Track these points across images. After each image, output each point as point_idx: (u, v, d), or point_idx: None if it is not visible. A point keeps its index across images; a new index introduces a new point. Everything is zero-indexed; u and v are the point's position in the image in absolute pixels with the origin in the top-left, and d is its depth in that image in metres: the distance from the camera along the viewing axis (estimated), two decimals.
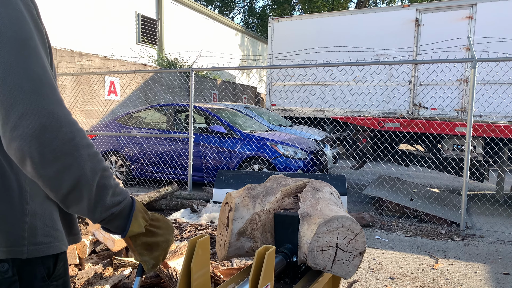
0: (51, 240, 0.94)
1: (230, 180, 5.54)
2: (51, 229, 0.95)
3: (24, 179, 0.90)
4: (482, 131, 5.41)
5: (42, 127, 0.76)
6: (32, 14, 0.85)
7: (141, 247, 0.95)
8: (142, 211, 0.96)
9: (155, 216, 1.00)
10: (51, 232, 0.94)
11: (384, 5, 23.04)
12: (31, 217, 0.90)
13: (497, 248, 4.10)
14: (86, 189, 0.82)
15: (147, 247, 0.95)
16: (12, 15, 0.80)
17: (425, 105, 9.22)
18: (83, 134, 0.83)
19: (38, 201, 0.92)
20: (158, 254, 0.96)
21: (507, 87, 8.29)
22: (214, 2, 26.63)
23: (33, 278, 0.92)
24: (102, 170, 0.85)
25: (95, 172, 0.83)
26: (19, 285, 0.90)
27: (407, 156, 6.16)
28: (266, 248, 0.96)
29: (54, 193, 0.82)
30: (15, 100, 0.76)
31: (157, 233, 0.97)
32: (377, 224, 4.87)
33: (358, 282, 3.20)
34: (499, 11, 8.47)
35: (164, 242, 0.97)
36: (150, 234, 0.96)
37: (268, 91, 11.06)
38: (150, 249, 0.95)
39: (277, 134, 6.70)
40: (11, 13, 0.80)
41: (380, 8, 10.12)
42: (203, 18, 16.00)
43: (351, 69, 9.13)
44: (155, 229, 0.97)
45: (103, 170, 0.85)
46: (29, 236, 0.90)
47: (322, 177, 5.38)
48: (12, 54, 0.78)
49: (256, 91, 17.54)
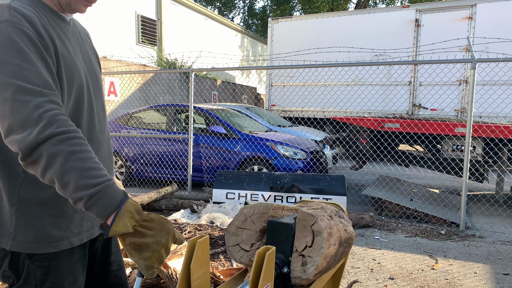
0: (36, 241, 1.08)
1: (230, 181, 5.54)
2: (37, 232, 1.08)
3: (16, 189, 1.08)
4: (481, 131, 5.41)
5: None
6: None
7: (129, 247, 0.96)
8: (133, 211, 0.96)
9: (149, 217, 0.99)
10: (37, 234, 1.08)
11: (384, 5, 23.05)
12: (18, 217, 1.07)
13: (496, 249, 4.10)
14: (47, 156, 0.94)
15: (136, 247, 0.95)
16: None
17: (424, 106, 9.22)
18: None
19: (25, 204, 1.08)
20: (147, 256, 0.95)
21: (506, 88, 8.29)
22: (214, 3, 26.63)
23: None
24: (69, 151, 0.95)
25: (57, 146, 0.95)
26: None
27: (406, 156, 6.16)
28: (266, 249, 0.96)
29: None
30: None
31: (146, 234, 0.96)
32: (377, 224, 4.87)
33: (358, 283, 3.20)
34: (499, 11, 8.47)
35: (155, 244, 0.96)
36: (139, 235, 0.96)
37: (268, 91, 11.06)
38: (139, 250, 0.95)
39: (276, 135, 6.70)
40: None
41: (379, 9, 10.13)
42: (203, 19, 16.00)
43: (350, 69, 9.13)
44: (144, 230, 0.96)
45: (70, 152, 0.95)
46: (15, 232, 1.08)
47: (321, 178, 5.38)
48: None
49: (256, 92, 17.54)
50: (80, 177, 0.93)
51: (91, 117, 1.21)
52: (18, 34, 0.99)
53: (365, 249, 4.02)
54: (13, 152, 1.03)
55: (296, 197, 5.24)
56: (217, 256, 3.57)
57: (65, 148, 0.94)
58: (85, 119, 1.18)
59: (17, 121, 0.94)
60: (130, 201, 0.97)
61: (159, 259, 0.97)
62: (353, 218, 4.72)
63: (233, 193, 5.44)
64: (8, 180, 1.06)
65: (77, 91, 1.15)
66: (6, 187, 1.06)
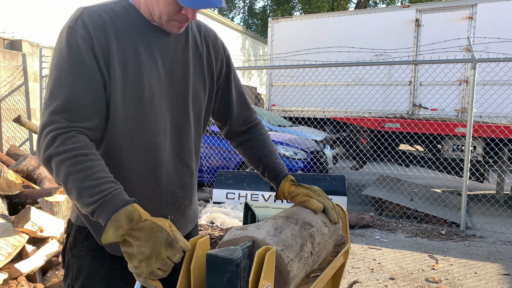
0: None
1: (230, 181, 5.53)
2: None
3: None
4: (482, 131, 5.41)
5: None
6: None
7: (124, 255, 0.96)
8: (123, 220, 0.94)
9: (140, 226, 0.95)
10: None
11: (384, 5, 23.03)
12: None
13: (497, 249, 4.10)
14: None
15: (127, 256, 0.95)
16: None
17: (425, 106, 9.21)
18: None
19: None
20: (135, 265, 0.94)
21: (507, 88, 8.28)
22: None
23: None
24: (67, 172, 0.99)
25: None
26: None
27: (407, 156, 6.15)
28: (266, 249, 0.96)
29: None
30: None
31: (132, 244, 0.94)
32: (377, 224, 4.86)
33: (358, 283, 3.20)
34: (499, 11, 8.46)
35: (139, 254, 0.93)
36: (128, 244, 0.95)
37: (268, 91, 11.05)
38: (129, 259, 0.95)
39: (277, 135, 6.69)
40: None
41: (380, 9, 10.12)
42: (202, 19, 16.02)
43: (351, 69, 9.11)
44: (132, 240, 0.94)
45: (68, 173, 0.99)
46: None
47: (322, 178, 5.38)
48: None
49: (256, 92, 17.55)
50: (78, 197, 0.98)
51: (156, 136, 1.17)
52: (70, 43, 1.05)
53: (365, 249, 4.01)
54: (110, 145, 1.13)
55: None
56: None
57: (64, 170, 0.98)
58: (141, 135, 1.14)
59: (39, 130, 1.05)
60: (127, 209, 0.96)
61: (149, 269, 0.93)
62: (354, 218, 4.72)
63: (233, 193, 5.44)
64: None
65: (139, 106, 1.13)
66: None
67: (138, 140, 1.14)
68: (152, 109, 1.15)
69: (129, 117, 1.12)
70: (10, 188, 3.40)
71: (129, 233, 0.95)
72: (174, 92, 1.20)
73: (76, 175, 0.97)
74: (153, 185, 1.19)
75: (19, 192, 3.49)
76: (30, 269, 2.54)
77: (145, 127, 1.15)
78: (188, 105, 1.24)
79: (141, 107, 1.13)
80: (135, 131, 1.14)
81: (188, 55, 1.24)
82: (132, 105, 1.12)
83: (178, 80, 1.21)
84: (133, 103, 1.12)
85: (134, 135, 1.14)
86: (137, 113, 1.13)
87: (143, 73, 1.12)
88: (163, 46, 1.18)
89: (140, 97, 1.12)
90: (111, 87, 1.08)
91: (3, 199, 3.32)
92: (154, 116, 1.16)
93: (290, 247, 1.06)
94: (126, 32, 1.11)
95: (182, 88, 1.22)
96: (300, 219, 1.19)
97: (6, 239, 2.50)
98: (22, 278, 2.48)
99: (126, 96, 1.10)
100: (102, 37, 1.07)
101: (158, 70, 1.16)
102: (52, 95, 1.03)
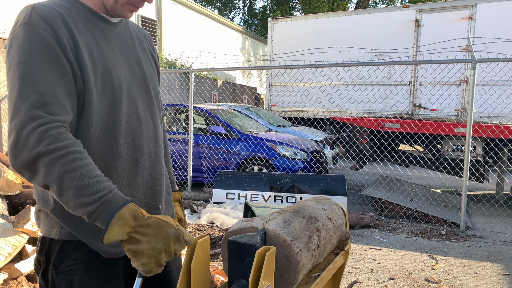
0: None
1: (230, 181, 5.53)
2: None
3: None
4: (482, 131, 5.41)
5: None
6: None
7: (128, 253, 0.95)
8: (128, 218, 0.94)
9: (146, 222, 0.95)
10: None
11: (384, 5, 23.04)
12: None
13: (497, 249, 4.10)
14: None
15: (133, 253, 0.94)
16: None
17: (425, 106, 9.21)
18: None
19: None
20: (145, 262, 0.94)
21: (507, 88, 8.28)
22: (214, 3, 26.61)
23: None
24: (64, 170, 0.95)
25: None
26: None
27: (407, 156, 6.15)
28: (266, 249, 0.96)
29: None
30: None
31: (141, 240, 0.94)
32: (377, 224, 4.87)
33: (358, 283, 3.20)
34: (499, 11, 8.47)
35: (150, 250, 0.93)
36: (135, 242, 0.94)
37: (268, 91, 11.06)
38: (136, 256, 0.94)
39: (277, 135, 6.69)
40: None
41: (380, 9, 10.12)
42: (202, 19, 16.00)
43: (351, 69, 9.12)
44: (139, 237, 0.94)
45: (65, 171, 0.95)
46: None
47: (322, 178, 5.38)
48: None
49: (256, 92, 17.54)
50: (77, 196, 0.94)
51: (131, 122, 1.18)
52: (31, 37, 0.99)
53: (365, 249, 4.01)
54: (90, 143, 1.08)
55: (296, 197, 5.23)
56: (217, 256, 3.57)
57: (58, 168, 0.93)
58: (123, 124, 1.15)
59: (10, 128, 0.96)
60: (129, 207, 0.96)
61: (157, 263, 0.95)
62: (353, 218, 4.72)
63: (233, 193, 5.44)
64: None
65: (111, 93, 1.12)
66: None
67: (116, 128, 1.13)
68: (123, 95, 1.15)
69: (104, 105, 1.11)
70: (10, 188, 3.40)
71: (136, 230, 0.94)
72: (136, 79, 1.23)
73: (74, 173, 0.94)
74: (139, 171, 1.20)
75: (19, 192, 3.49)
76: (30, 269, 2.54)
77: (121, 114, 1.15)
78: (150, 90, 1.28)
79: (113, 94, 1.13)
80: (112, 119, 1.13)
81: (135, 45, 1.28)
82: (105, 93, 1.11)
83: (135, 67, 1.24)
84: (105, 91, 1.11)
85: (112, 122, 1.12)
86: (111, 101, 1.12)
87: (107, 61, 1.13)
88: (115, 36, 1.21)
89: (110, 84, 1.12)
90: (82, 77, 1.05)
91: (3, 199, 3.32)
92: (126, 102, 1.17)
93: (299, 238, 1.11)
94: (81, 23, 1.10)
95: (141, 74, 1.25)
96: (307, 214, 1.24)
97: (6, 239, 2.50)
98: (22, 278, 2.48)
99: (98, 84, 1.09)
100: (64, 28, 1.04)
101: (118, 58, 1.18)
102: (22, 93, 0.96)
